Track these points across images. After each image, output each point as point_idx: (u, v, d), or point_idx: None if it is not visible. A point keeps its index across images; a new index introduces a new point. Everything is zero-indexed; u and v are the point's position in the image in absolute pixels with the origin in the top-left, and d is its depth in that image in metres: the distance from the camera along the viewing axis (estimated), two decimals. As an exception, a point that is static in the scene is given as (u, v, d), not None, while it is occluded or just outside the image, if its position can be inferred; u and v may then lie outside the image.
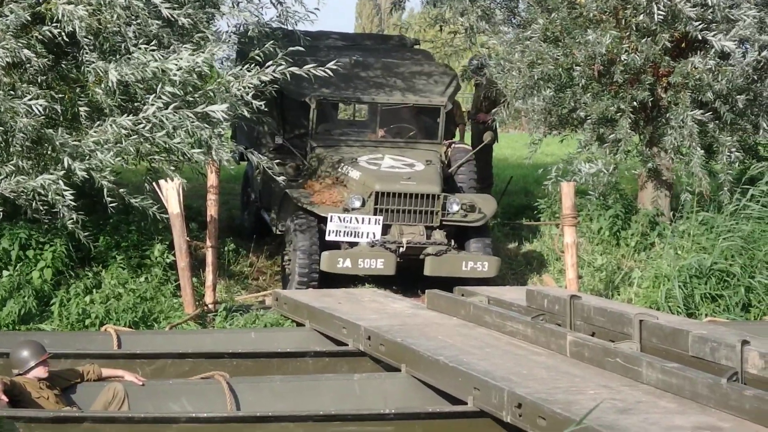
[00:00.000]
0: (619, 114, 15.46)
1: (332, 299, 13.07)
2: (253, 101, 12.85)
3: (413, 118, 16.10)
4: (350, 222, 14.27)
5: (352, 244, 14.49)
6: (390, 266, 14.22)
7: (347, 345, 11.50)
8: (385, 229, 14.43)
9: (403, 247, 14.33)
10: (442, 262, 14.44)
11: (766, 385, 8.40)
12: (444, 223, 14.68)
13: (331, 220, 14.27)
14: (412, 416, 9.14)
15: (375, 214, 14.40)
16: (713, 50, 14.73)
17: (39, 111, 11.98)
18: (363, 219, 14.32)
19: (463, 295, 12.75)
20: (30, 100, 12.01)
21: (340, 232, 14.28)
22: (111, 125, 12.35)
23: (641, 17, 14.86)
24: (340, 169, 15.07)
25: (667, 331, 9.82)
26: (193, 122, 12.46)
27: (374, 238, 14.31)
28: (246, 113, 13.04)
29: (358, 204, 14.47)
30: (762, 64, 15.31)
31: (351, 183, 14.83)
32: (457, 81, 16.41)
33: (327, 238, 14.32)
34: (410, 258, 14.46)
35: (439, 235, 14.59)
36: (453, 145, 16.11)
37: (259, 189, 16.39)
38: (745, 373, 8.70)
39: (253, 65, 13.07)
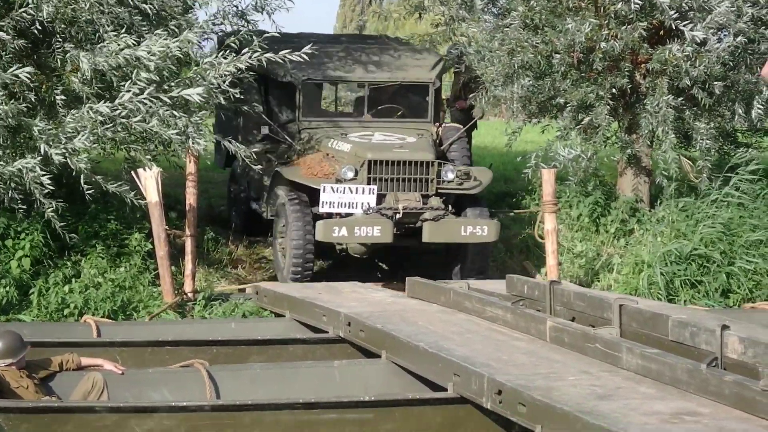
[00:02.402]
0: (598, 101, 15.48)
1: (313, 291, 13.01)
2: (230, 89, 12.82)
3: (402, 97, 15.83)
4: (344, 192, 13.86)
5: (346, 216, 14.06)
6: (387, 233, 13.78)
7: (327, 333, 11.49)
8: (380, 199, 14.04)
9: (399, 213, 13.95)
10: (441, 227, 14.04)
11: (746, 370, 8.40)
12: (439, 191, 14.32)
13: (324, 191, 13.86)
14: (392, 403, 9.15)
15: (368, 183, 14.03)
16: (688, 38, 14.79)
17: (26, 78, 11.97)
18: (357, 189, 13.89)
19: (443, 284, 12.74)
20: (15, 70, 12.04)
21: (333, 203, 13.85)
22: (88, 111, 12.32)
23: (620, 5, 14.88)
24: (329, 145, 14.72)
25: (647, 315, 9.81)
26: (166, 111, 12.45)
27: (369, 208, 13.90)
28: (223, 101, 13.01)
29: (351, 174, 14.06)
30: (739, 51, 15.34)
31: (342, 156, 14.44)
32: (443, 63, 16.21)
33: (320, 209, 13.93)
34: (407, 226, 14.11)
35: (435, 202, 14.21)
36: (443, 125, 15.82)
37: (246, 180, 16.05)
38: (725, 357, 8.67)
39: (228, 52, 13.07)
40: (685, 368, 8.12)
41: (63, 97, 12.65)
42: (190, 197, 13.81)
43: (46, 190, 12.46)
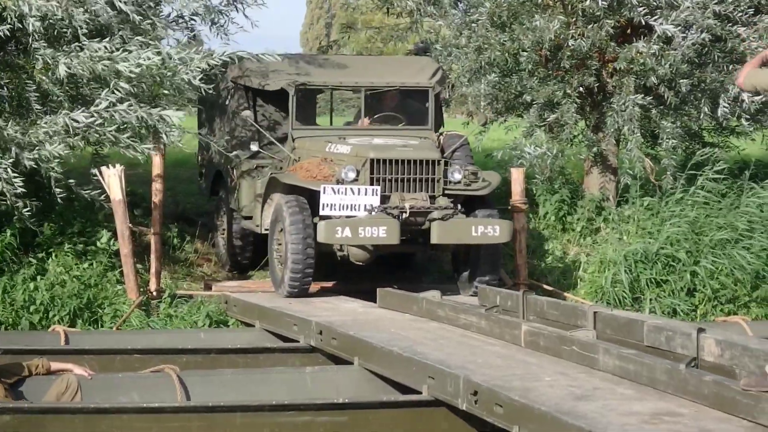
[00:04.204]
0: (564, 99, 15.47)
1: (283, 301, 12.94)
2: (203, 86, 12.75)
3: (401, 104, 15.02)
4: (345, 194, 12.94)
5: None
6: (393, 234, 12.74)
7: (298, 342, 11.41)
8: (384, 200, 13.08)
9: (406, 212, 12.97)
10: (450, 227, 13.03)
11: (723, 372, 8.41)
12: (446, 192, 13.33)
13: (324, 192, 12.89)
14: (366, 405, 9.09)
15: (371, 184, 13.07)
16: (656, 35, 14.79)
17: None
18: (359, 190, 12.94)
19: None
20: None
21: (334, 205, 12.89)
22: (64, 118, 12.22)
23: (587, 2, 14.86)
24: (327, 149, 13.84)
25: (622, 321, 9.82)
26: (142, 107, 12.41)
27: (372, 209, 12.97)
28: (193, 98, 12.93)
29: (352, 175, 13.07)
30: (706, 49, 15.37)
31: (341, 158, 13.55)
32: (443, 72, 15.34)
33: (321, 212, 13.00)
34: (414, 227, 13.15)
35: (443, 201, 13.23)
36: (445, 133, 14.79)
37: (237, 196, 14.88)
38: (702, 360, 8.69)
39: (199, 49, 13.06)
40: (663, 369, 8.11)
41: (36, 95, 12.53)
42: (156, 195, 13.71)
43: (18, 190, 12.40)
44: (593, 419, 7.35)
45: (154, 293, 13.52)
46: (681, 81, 15.17)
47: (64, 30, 12.52)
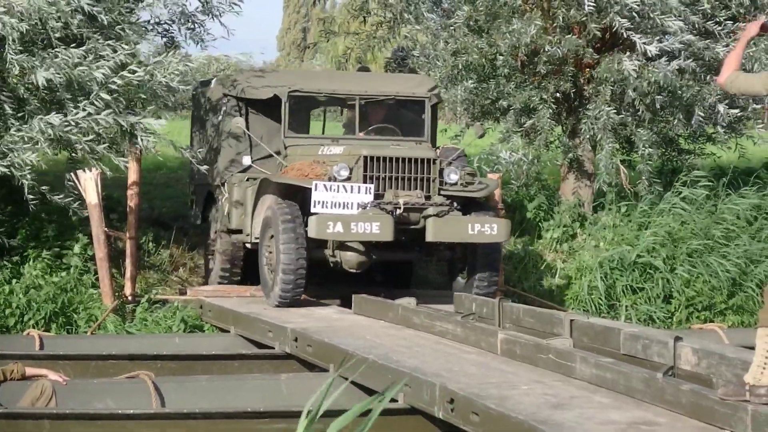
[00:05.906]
0: (541, 105, 15.47)
1: (258, 306, 12.88)
2: (182, 86, 12.72)
3: (396, 115, 14.55)
4: (338, 191, 12.55)
5: None
6: (387, 230, 12.33)
7: (273, 349, 11.37)
8: (378, 198, 12.67)
9: (400, 207, 12.56)
10: (446, 224, 12.59)
11: (700, 381, 8.38)
12: (442, 192, 12.89)
13: (316, 189, 12.49)
14: (341, 413, 9.02)
15: (364, 182, 12.68)
16: (638, 51, 14.79)
17: None
18: (352, 188, 12.54)
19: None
20: None
21: (326, 202, 12.47)
22: (39, 122, 12.16)
23: (572, 12, 14.83)
24: (320, 152, 13.46)
25: (598, 329, 9.79)
26: (120, 113, 12.37)
27: (366, 205, 12.60)
28: (170, 103, 12.90)
29: (345, 173, 12.67)
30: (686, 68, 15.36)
31: (334, 159, 13.06)
32: (438, 89, 14.95)
33: (312, 209, 12.52)
34: (408, 225, 12.74)
35: (439, 199, 12.77)
36: (442, 146, 14.47)
37: (228, 210, 14.30)
38: (678, 369, 8.67)
39: (175, 53, 13.03)
40: (640, 377, 8.06)
41: (11, 101, 12.47)
42: (132, 199, 13.65)
43: None
44: (570, 428, 7.30)
45: (129, 298, 13.48)
46: (657, 97, 15.17)
47: (39, 35, 12.48)
